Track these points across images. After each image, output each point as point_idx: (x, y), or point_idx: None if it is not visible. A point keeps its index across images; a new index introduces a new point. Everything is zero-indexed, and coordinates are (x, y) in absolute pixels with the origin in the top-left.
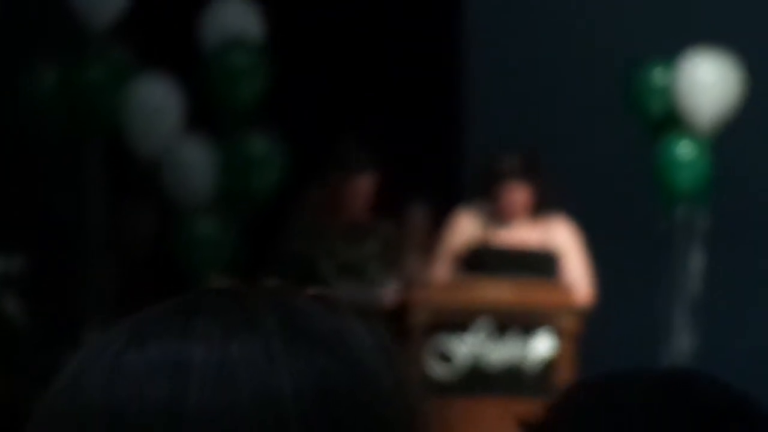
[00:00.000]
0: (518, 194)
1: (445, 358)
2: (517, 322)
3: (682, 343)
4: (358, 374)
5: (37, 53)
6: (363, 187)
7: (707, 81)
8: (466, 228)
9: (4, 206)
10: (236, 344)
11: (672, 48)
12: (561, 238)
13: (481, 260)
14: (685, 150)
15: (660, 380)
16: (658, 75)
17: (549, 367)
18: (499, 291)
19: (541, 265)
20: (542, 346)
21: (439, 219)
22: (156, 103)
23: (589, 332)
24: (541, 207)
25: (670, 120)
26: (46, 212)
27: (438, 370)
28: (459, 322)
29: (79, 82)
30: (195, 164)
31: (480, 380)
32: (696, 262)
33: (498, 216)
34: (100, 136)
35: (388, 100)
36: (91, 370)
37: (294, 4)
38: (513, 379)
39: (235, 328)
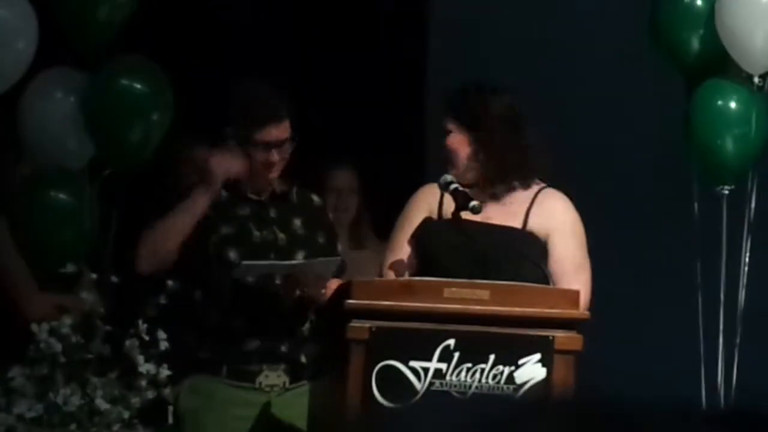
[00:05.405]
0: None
1: (397, 387)
2: (496, 341)
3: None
4: None
5: None
6: (277, 138)
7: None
8: (427, 208)
9: None
10: None
11: None
12: (553, 216)
13: (444, 251)
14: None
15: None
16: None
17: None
18: (471, 297)
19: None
20: (530, 371)
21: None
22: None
23: (590, 353)
24: (507, 173)
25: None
26: None
27: (387, 402)
28: (416, 339)
29: None
30: (54, 104)
31: None
32: (741, 257)
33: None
34: None
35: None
36: None
37: None
38: None
39: None
